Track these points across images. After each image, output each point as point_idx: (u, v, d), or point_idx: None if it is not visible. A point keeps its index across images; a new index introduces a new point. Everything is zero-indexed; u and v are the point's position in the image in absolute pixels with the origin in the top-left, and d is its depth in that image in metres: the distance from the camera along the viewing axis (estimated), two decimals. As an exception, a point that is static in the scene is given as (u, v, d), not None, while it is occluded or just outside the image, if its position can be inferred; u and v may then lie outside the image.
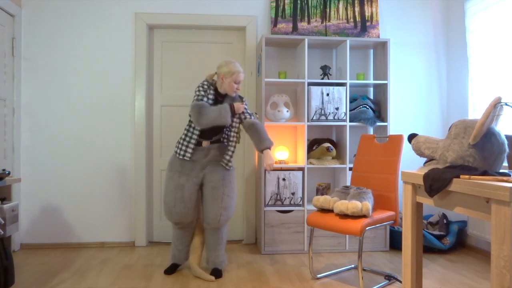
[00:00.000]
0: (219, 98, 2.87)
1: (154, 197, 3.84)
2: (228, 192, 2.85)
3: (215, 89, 2.87)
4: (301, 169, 3.52)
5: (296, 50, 3.84)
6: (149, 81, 3.81)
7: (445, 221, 3.60)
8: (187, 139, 2.83)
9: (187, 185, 2.80)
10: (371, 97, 3.90)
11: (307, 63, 3.70)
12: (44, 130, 3.65)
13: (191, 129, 2.84)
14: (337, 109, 3.51)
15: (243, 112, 2.89)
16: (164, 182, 2.91)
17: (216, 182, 2.83)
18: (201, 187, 2.91)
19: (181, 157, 2.82)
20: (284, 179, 3.45)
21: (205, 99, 2.76)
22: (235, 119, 2.88)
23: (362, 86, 3.83)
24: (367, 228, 2.53)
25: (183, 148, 2.83)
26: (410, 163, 3.91)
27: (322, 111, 3.49)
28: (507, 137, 1.94)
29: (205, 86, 2.81)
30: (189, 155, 2.80)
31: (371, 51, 3.92)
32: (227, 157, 2.86)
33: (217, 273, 2.86)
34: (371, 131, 3.81)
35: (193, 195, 2.83)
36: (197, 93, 2.77)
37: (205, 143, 2.84)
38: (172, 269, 2.94)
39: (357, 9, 3.82)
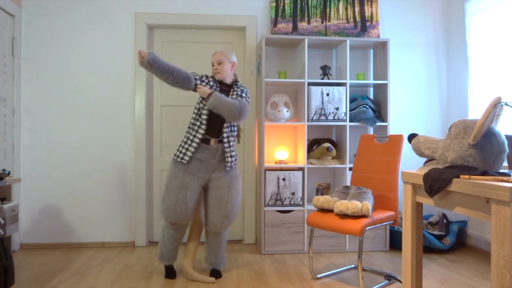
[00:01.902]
0: (223, 87, 2.85)
1: (154, 197, 3.84)
2: (233, 199, 2.77)
3: (220, 82, 2.87)
4: (301, 169, 3.52)
5: (296, 50, 3.84)
6: (149, 81, 3.81)
7: (445, 221, 3.60)
8: (189, 142, 2.74)
9: (191, 185, 2.72)
10: (371, 97, 3.90)
11: (307, 63, 3.70)
12: (44, 130, 3.65)
13: (196, 127, 2.75)
14: (337, 109, 3.51)
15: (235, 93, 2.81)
16: (166, 180, 2.79)
17: (221, 190, 2.75)
18: (204, 190, 2.85)
19: (179, 159, 2.73)
20: (284, 179, 3.45)
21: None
22: None
23: (362, 86, 3.83)
24: (367, 228, 2.53)
25: (183, 150, 2.74)
26: (410, 163, 3.91)
27: (322, 111, 3.49)
28: (507, 137, 1.94)
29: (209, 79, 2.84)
30: (187, 158, 2.70)
31: (371, 51, 3.92)
32: (229, 159, 2.78)
33: (216, 273, 2.85)
34: (371, 131, 3.81)
35: (195, 196, 2.76)
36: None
37: (213, 142, 2.75)
38: (172, 272, 2.85)
39: (357, 9, 3.82)
